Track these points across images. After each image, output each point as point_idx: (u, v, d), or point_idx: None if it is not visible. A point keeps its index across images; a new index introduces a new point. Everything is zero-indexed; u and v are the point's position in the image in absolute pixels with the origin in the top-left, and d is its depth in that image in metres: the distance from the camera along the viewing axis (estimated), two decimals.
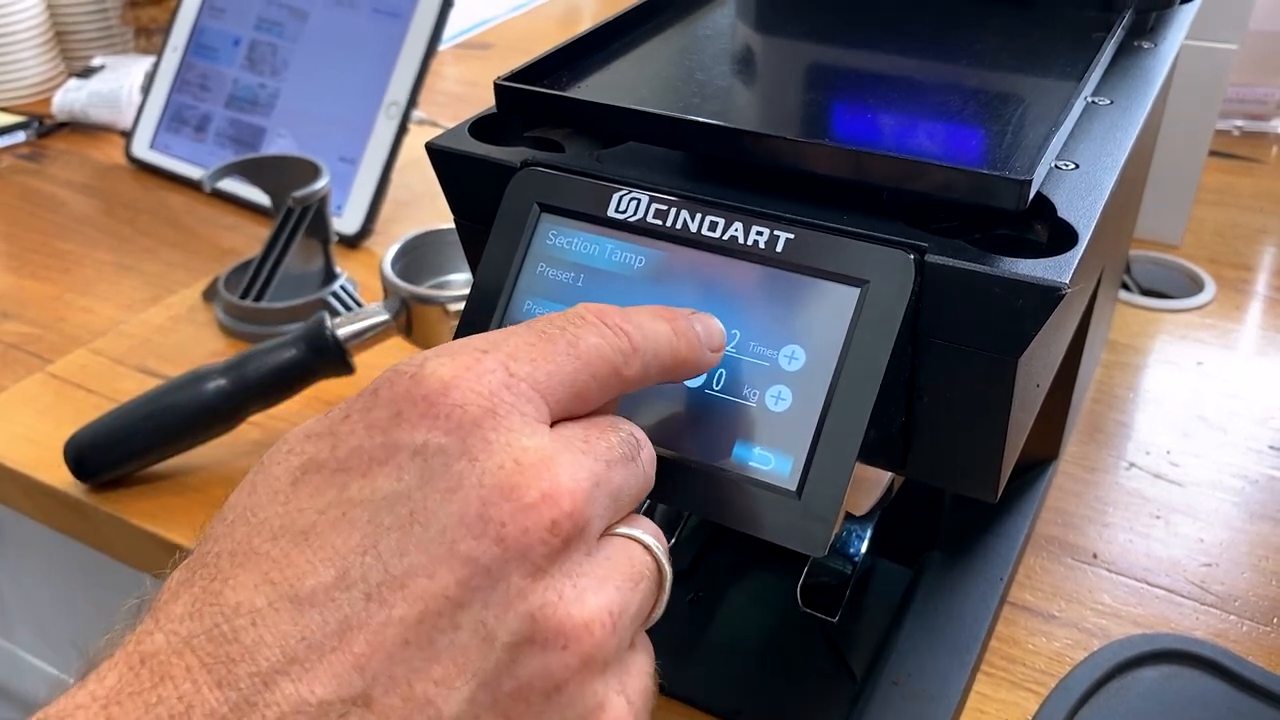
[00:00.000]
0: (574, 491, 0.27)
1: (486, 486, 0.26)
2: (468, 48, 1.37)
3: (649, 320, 0.32)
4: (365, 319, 0.66)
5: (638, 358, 0.31)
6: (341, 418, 0.28)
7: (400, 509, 0.26)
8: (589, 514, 0.27)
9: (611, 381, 0.30)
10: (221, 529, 0.27)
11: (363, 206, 0.91)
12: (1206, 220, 0.91)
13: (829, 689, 0.50)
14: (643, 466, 0.30)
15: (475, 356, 0.28)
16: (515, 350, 0.29)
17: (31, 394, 0.73)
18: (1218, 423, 0.68)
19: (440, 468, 0.26)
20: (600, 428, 0.30)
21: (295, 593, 0.25)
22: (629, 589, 0.28)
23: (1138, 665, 0.51)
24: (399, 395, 0.27)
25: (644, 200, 0.37)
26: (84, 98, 1.11)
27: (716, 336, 0.34)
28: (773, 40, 0.50)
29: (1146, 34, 0.51)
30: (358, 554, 0.25)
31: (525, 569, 0.26)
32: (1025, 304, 0.33)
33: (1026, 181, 0.33)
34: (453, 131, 0.42)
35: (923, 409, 0.37)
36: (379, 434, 0.27)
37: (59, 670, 0.86)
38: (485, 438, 0.26)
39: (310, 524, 0.26)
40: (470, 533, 0.25)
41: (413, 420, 0.27)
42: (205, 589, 0.25)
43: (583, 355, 0.29)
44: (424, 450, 0.26)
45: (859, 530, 0.50)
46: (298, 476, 0.27)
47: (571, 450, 0.28)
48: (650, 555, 0.29)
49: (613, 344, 0.30)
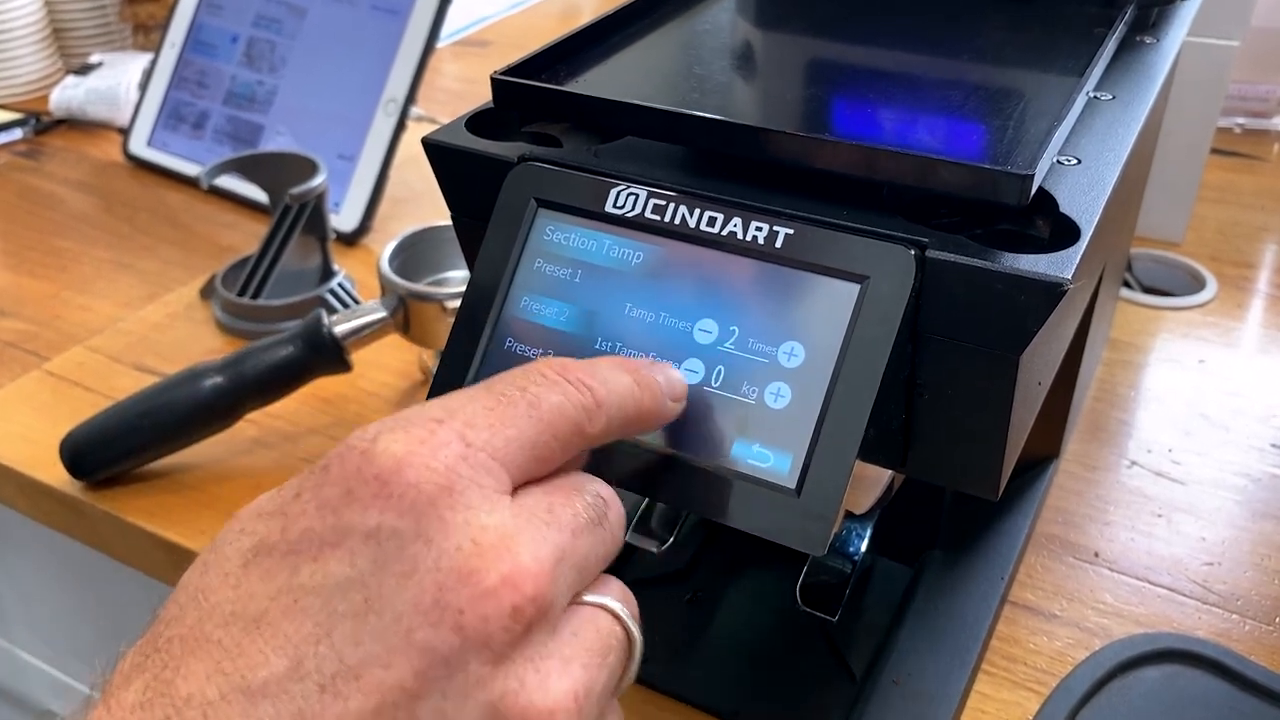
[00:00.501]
0: (537, 574, 0.26)
1: (443, 571, 0.25)
2: (466, 45, 1.36)
3: (611, 373, 0.31)
4: (363, 316, 0.65)
5: (601, 413, 0.30)
6: (293, 496, 0.27)
7: (354, 595, 0.25)
8: (552, 594, 0.26)
9: (574, 440, 0.29)
10: (174, 611, 0.26)
11: (360, 204, 0.91)
12: (1208, 218, 0.90)
13: (828, 689, 0.50)
14: (611, 529, 0.29)
15: (429, 429, 0.27)
16: (472, 417, 0.27)
17: (28, 392, 0.73)
18: (1220, 421, 0.68)
19: (394, 551, 0.25)
20: (565, 492, 0.28)
21: (248, 684, 0.24)
22: (596, 665, 0.27)
23: (1139, 665, 0.51)
24: (350, 473, 0.26)
25: (642, 195, 0.37)
26: (81, 95, 1.11)
27: (678, 386, 0.33)
28: (772, 35, 0.49)
29: (1148, 29, 0.51)
30: (310, 643, 0.24)
31: (485, 656, 0.25)
32: (1027, 300, 0.32)
33: (1029, 176, 0.33)
34: (449, 126, 0.42)
35: (923, 406, 0.37)
36: (330, 515, 0.26)
37: (55, 669, 0.86)
38: (441, 517, 0.25)
39: (262, 610, 0.25)
40: (427, 620, 0.24)
41: (365, 500, 0.26)
42: (157, 677, 0.25)
43: (544, 416, 0.28)
44: (377, 533, 0.25)
45: (859, 529, 0.50)
46: (249, 559, 0.26)
47: (534, 524, 0.27)
48: (618, 624, 0.28)
49: (575, 401, 0.29)
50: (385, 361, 0.74)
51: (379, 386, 0.72)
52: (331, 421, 0.69)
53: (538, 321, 0.37)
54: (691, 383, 0.34)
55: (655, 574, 0.55)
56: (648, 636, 0.30)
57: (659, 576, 0.55)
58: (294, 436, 0.68)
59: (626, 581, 0.30)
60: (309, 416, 0.69)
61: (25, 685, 0.89)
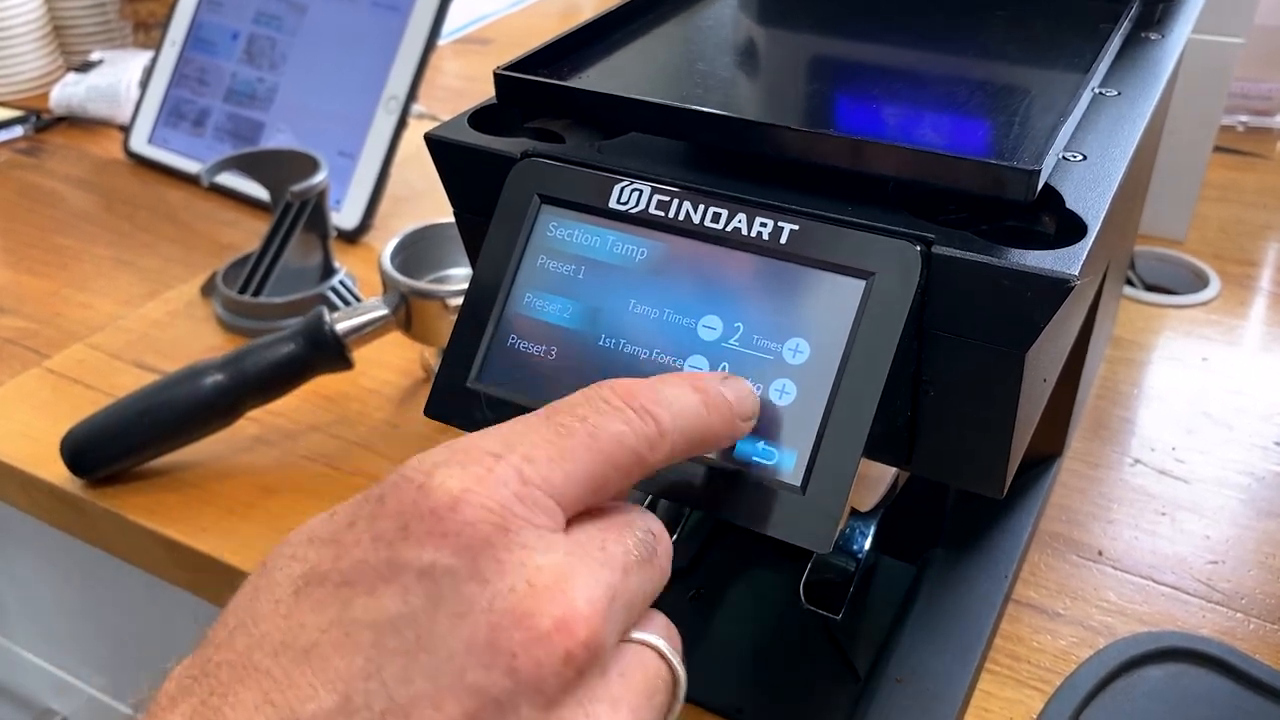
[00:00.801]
0: (590, 617, 0.25)
1: (497, 612, 0.25)
2: (467, 43, 1.36)
3: (679, 395, 0.30)
4: (364, 314, 0.65)
5: (665, 442, 0.29)
6: (346, 524, 0.27)
7: (406, 633, 0.25)
8: (604, 637, 0.26)
9: (635, 470, 0.29)
10: (222, 635, 0.26)
11: (362, 201, 0.90)
12: (1211, 216, 0.90)
13: (832, 687, 0.50)
14: (660, 565, 0.29)
15: (487, 465, 0.26)
16: (530, 451, 0.27)
17: (29, 389, 0.73)
18: (1223, 419, 0.68)
19: (449, 590, 0.25)
20: (618, 529, 0.28)
21: (297, 717, 0.24)
22: (644, 706, 0.27)
23: (1144, 663, 0.51)
24: (406, 507, 0.26)
25: (646, 191, 0.37)
26: (82, 92, 1.11)
27: (748, 403, 0.32)
28: (775, 30, 0.49)
29: (1154, 25, 0.51)
30: (361, 679, 0.24)
31: (538, 701, 0.25)
32: (1034, 296, 0.32)
33: (1035, 171, 0.32)
34: (452, 122, 0.42)
35: (929, 403, 0.37)
36: (385, 549, 0.26)
37: (55, 667, 0.85)
38: (497, 558, 0.25)
39: (312, 642, 0.25)
40: (480, 662, 0.24)
41: (420, 537, 0.25)
42: (204, 702, 0.24)
43: (604, 448, 0.28)
44: (431, 571, 0.25)
45: (862, 527, 0.49)
46: (300, 587, 0.26)
47: (587, 563, 0.26)
48: (664, 663, 0.28)
49: (638, 431, 0.29)
50: (387, 359, 0.74)
51: (380, 384, 0.72)
52: (333, 419, 0.69)
53: (541, 318, 0.37)
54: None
55: None
56: None
57: None
58: (295, 434, 0.68)
59: None
60: (310, 414, 0.69)
61: (25, 683, 0.89)
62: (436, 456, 0.27)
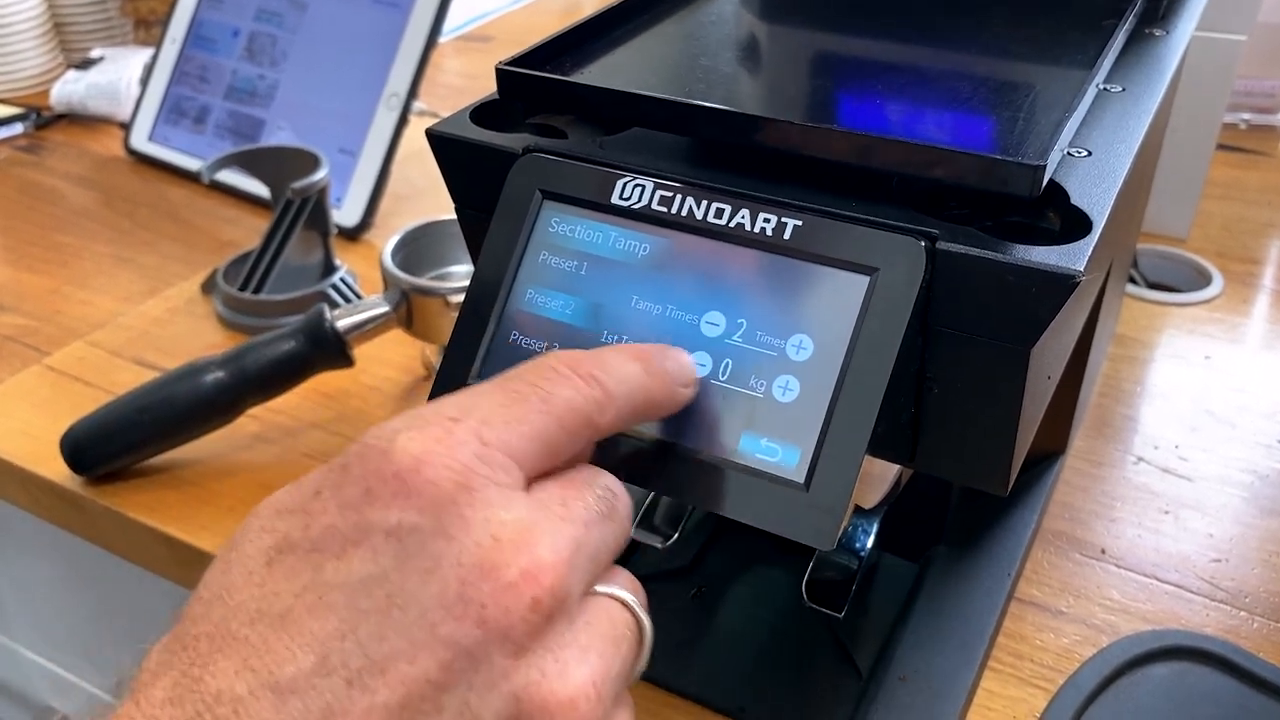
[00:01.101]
0: (555, 564, 0.26)
1: (465, 566, 0.25)
2: (468, 40, 1.36)
3: (621, 363, 0.31)
4: (365, 311, 0.65)
5: (611, 405, 0.30)
6: (312, 494, 0.28)
7: (377, 592, 0.25)
8: (569, 585, 0.27)
9: (584, 432, 0.30)
10: (198, 609, 0.27)
11: (363, 198, 0.90)
12: (1214, 214, 0.90)
13: (834, 685, 0.49)
14: (620, 520, 0.30)
15: (446, 428, 0.27)
16: (487, 414, 0.28)
17: (28, 387, 0.72)
18: (1226, 417, 0.68)
19: (416, 548, 0.26)
20: (576, 486, 0.29)
21: (276, 680, 0.24)
22: (611, 653, 0.28)
23: (1147, 662, 0.50)
24: (370, 472, 0.27)
25: (648, 187, 0.36)
26: (82, 89, 1.11)
27: (688, 371, 0.34)
28: (778, 26, 0.49)
29: (1158, 21, 0.50)
30: (336, 639, 0.25)
31: (507, 649, 0.26)
32: (1039, 292, 0.32)
33: (1040, 167, 0.32)
34: (454, 118, 0.41)
35: (933, 400, 0.36)
36: (352, 513, 0.27)
37: (54, 665, 0.85)
38: (461, 514, 0.26)
39: (287, 607, 0.25)
40: (450, 615, 0.25)
41: (385, 499, 0.26)
42: (185, 674, 0.25)
43: (555, 410, 0.29)
44: (398, 530, 0.26)
45: (865, 525, 0.49)
46: (272, 556, 0.27)
47: (549, 517, 0.27)
48: (629, 612, 0.29)
49: (585, 395, 0.30)
50: (387, 356, 0.74)
51: (381, 381, 0.72)
52: (333, 417, 0.69)
53: (543, 314, 0.36)
54: (699, 376, 0.34)
55: (660, 570, 0.55)
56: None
57: (664, 572, 0.55)
58: (295, 432, 0.68)
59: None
60: (311, 412, 0.69)
61: (24, 681, 0.89)
62: (396, 424, 0.28)
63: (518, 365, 0.31)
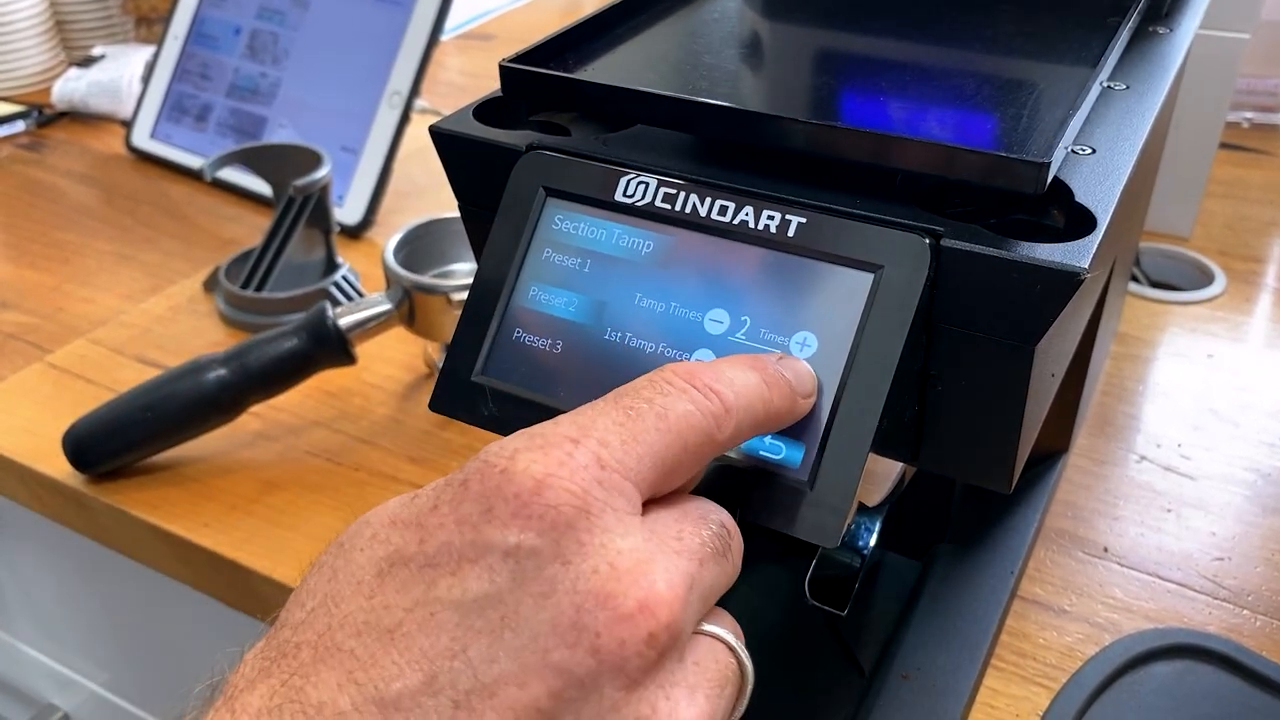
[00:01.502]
0: (671, 601, 0.26)
1: (581, 593, 0.25)
2: (470, 38, 1.36)
3: (739, 374, 0.30)
4: (367, 309, 0.65)
5: (730, 419, 0.29)
6: (430, 508, 0.27)
7: (491, 613, 0.25)
8: (684, 622, 0.26)
9: (705, 449, 0.29)
10: (300, 615, 0.26)
11: (364, 196, 0.90)
12: (1216, 212, 0.90)
13: (837, 683, 0.49)
14: (733, 560, 0.29)
15: (567, 450, 0.27)
16: (604, 436, 0.27)
17: (31, 384, 0.72)
18: (1228, 416, 0.68)
19: (533, 570, 0.25)
20: (694, 520, 0.28)
21: (381, 696, 0.24)
22: (716, 695, 0.27)
23: (1150, 660, 0.50)
24: (490, 490, 0.26)
25: (652, 184, 0.36)
26: (84, 87, 1.11)
27: (807, 381, 0.32)
28: (782, 23, 0.49)
29: (1162, 19, 0.50)
30: (446, 658, 0.24)
31: (620, 681, 0.25)
32: (1043, 289, 0.32)
33: (1044, 164, 0.32)
34: (457, 115, 0.41)
35: (937, 398, 0.36)
36: (469, 530, 0.26)
37: (56, 662, 0.85)
38: (579, 539, 0.25)
39: (396, 622, 0.25)
40: (564, 642, 0.24)
41: (504, 519, 0.26)
42: (285, 683, 0.24)
43: (673, 427, 0.28)
44: (516, 551, 0.25)
45: (868, 523, 0.49)
46: (383, 569, 0.26)
47: (666, 550, 0.27)
48: (733, 656, 0.28)
49: (704, 409, 0.29)
50: (390, 354, 0.74)
51: (383, 379, 0.72)
52: (335, 414, 0.69)
53: (547, 311, 0.36)
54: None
55: None
56: None
57: None
58: (298, 429, 0.68)
59: None
60: (313, 409, 0.69)
61: (26, 678, 0.89)
62: (516, 442, 0.27)
63: (633, 380, 0.30)
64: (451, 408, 0.37)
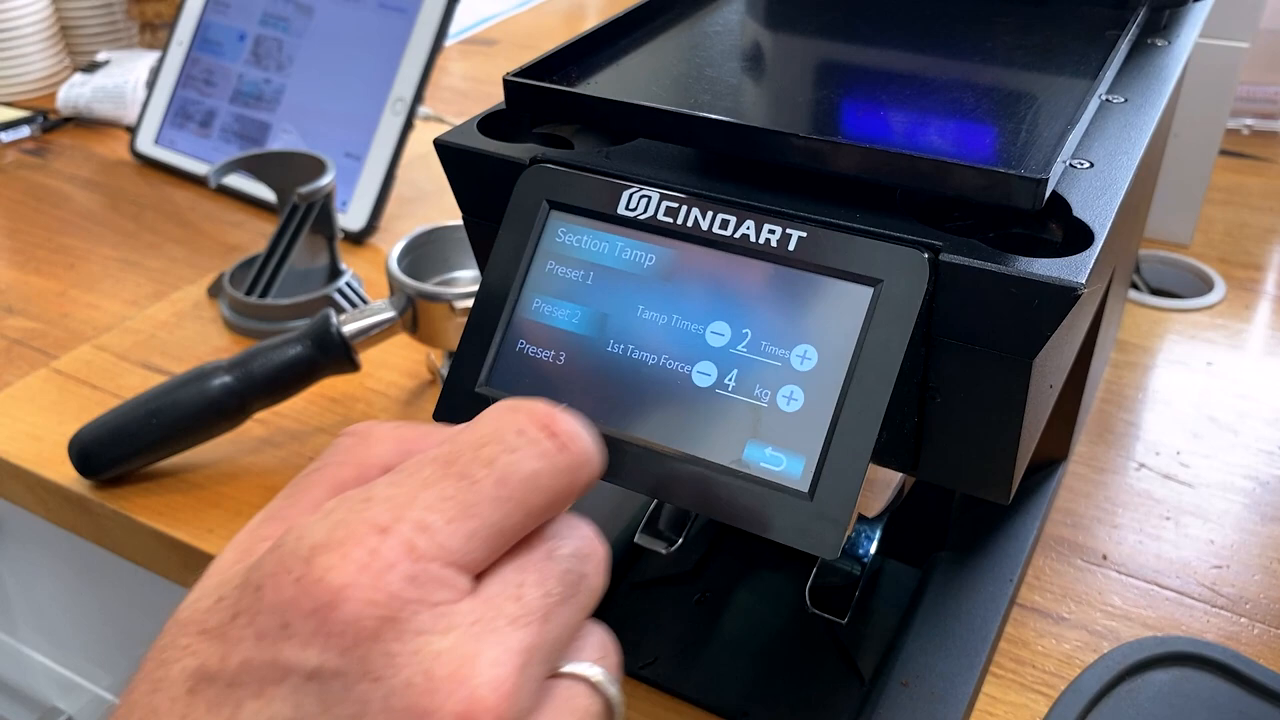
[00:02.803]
0: (496, 702, 0.23)
1: (395, 711, 0.23)
2: (472, 44, 1.36)
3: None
4: (371, 316, 0.65)
5: (587, 467, 0.27)
6: (230, 616, 0.25)
7: None
8: (518, 709, 0.24)
9: (555, 510, 0.27)
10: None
11: (368, 203, 0.91)
12: (1216, 220, 0.90)
13: (837, 690, 0.50)
14: (590, 587, 0.27)
15: (371, 547, 0.24)
16: (423, 517, 0.25)
17: (36, 390, 0.73)
18: (1228, 423, 0.68)
19: (340, 693, 0.23)
20: (536, 568, 0.26)
21: None
22: None
23: (1148, 668, 0.51)
24: (285, 603, 0.24)
25: (654, 198, 0.37)
26: (89, 93, 1.11)
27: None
28: (784, 37, 0.49)
29: (1160, 31, 0.51)
30: None
31: None
32: (1041, 304, 0.32)
33: (1042, 180, 0.33)
34: (461, 128, 0.42)
35: (936, 410, 0.37)
36: (268, 648, 0.24)
37: (61, 667, 0.86)
38: (388, 651, 0.23)
39: None
40: None
41: (304, 637, 0.24)
42: None
43: (514, 494, 0.26)
44: (319, 674, 0.23)
45: (868, 531, 0.50)
46: (193, 685, 0.25)
47: (495, 629, 0.24)
48: (596, 694, 0.26)
49: (556, 465, 0.26)
50: (393, 361, 0.74)
51: (387, 386, 0.72)
52: (339, 421, 0.69)
53: (549, 323, 0.37)
54: (704, 385, 0.34)
55: (664, 575, 0.55)
56: (656, 637, 0.30)
57: (667, 577, 0.55)
58: (302, 436, 0.68)
59: (634, 583, 0.30)
60: (317, 416, 0.69)
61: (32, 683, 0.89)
62: (315, 535, 0.25)
63: (478, 425, 0.27)
64: (456, 417, 0.37)
